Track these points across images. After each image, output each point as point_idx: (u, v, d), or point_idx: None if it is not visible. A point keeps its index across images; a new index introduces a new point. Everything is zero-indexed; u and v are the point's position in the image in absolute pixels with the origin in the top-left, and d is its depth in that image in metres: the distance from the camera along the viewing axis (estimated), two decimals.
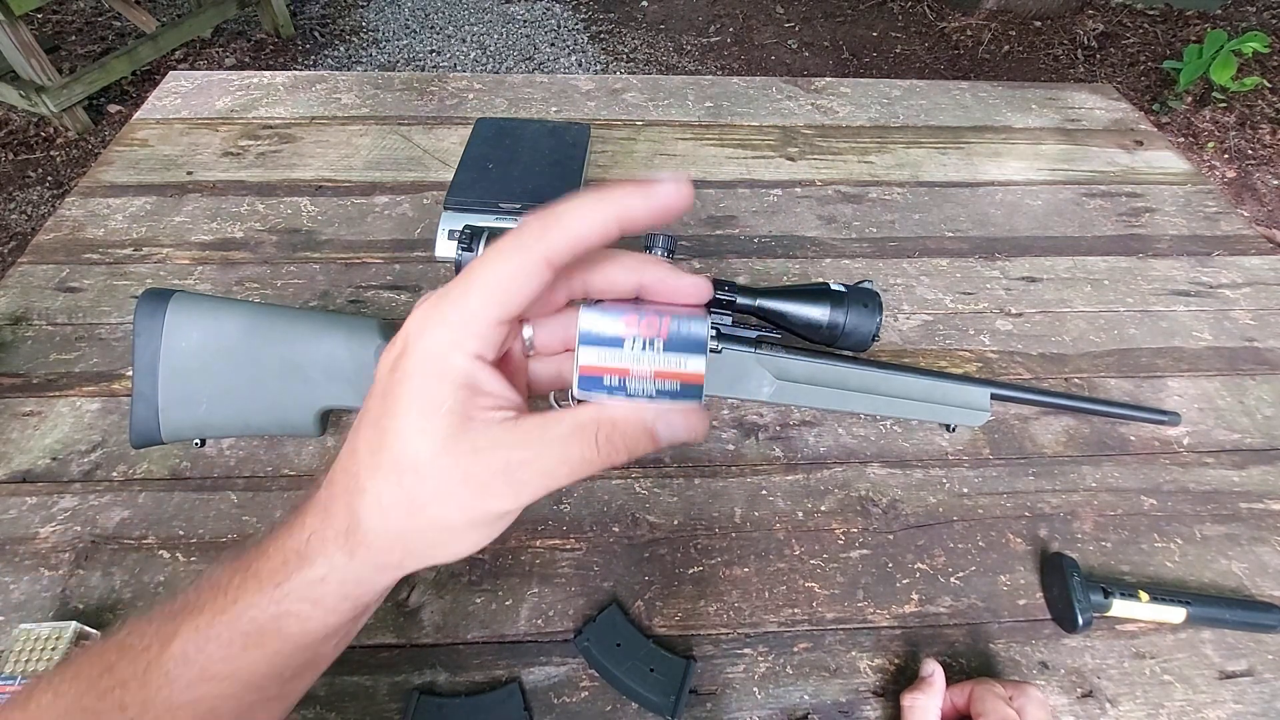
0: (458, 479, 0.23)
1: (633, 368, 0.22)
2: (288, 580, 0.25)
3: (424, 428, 0.23)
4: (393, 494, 0.24)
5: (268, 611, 0.25)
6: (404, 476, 0.23)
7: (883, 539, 0.50)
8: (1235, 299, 0.69)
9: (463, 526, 0.24)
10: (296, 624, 0.25)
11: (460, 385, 0.23)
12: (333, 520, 0.25)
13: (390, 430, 0.23)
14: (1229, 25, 2.57)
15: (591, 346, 0.22)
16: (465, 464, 0.23)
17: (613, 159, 0.81)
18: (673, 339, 0.22)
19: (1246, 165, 2.16)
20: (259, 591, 0.25)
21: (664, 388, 0.22)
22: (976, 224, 0.76)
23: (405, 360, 0.24)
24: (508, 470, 0.23)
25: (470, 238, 0.48)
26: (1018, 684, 0.40)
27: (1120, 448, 0.57)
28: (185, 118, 0.83)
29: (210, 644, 0.25)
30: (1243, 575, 0.50)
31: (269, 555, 0.26)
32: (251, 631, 0.25)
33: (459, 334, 0.23)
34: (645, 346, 0.22)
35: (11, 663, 0.39)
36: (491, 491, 0.23)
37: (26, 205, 1.89)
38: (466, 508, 0.24)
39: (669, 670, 0.42)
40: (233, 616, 0.25)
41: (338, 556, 0.25)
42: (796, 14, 2.92)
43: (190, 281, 0.64)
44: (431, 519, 0.24)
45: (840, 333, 0.49)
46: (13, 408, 0.54)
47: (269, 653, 0.25)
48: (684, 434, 0.24)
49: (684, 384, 0.22)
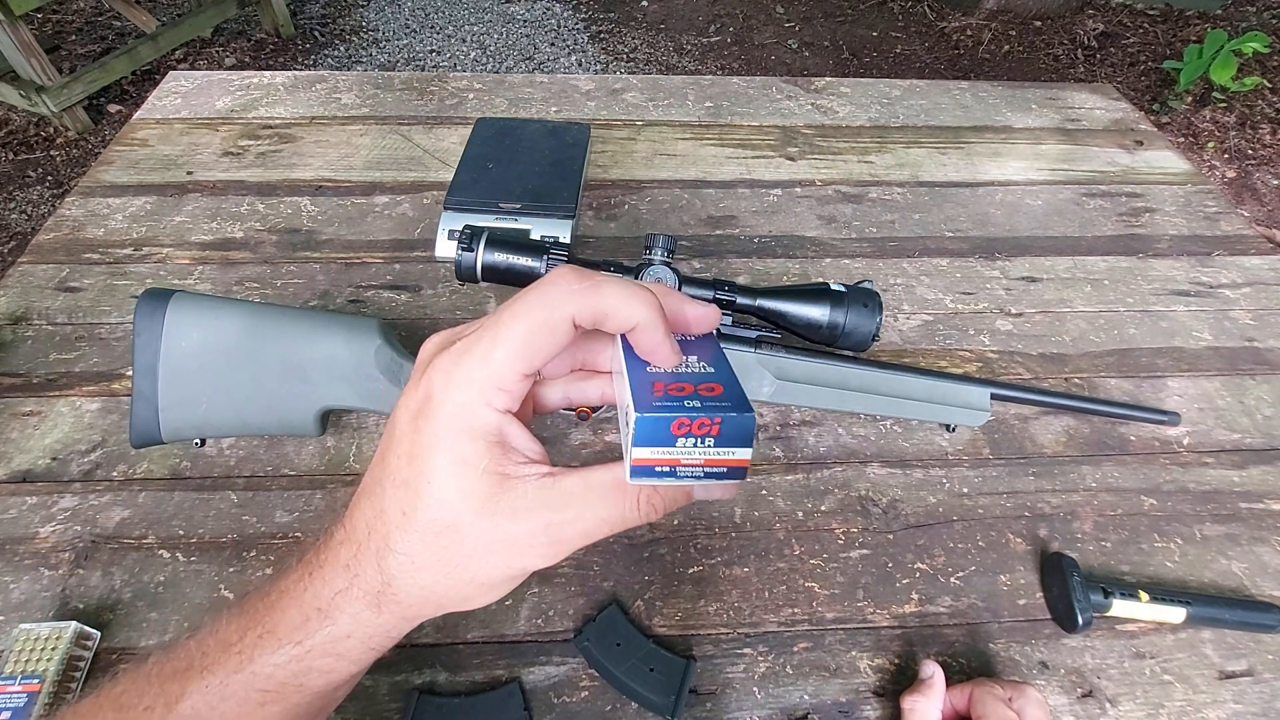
0: (498, 540, 0.23)
1: (683, 459, 0.23)
2: (309, 638, 0.25)
3: (460, 489, 0.23)
4: (427, 555, 0.23)
5: (288, 669, 0.24)
6: (440, 537, 0.23)
7: (883, 539, 0.50)
8: (1235, 299, 0.69)
9: (497, 583, 0.24)
10: (320, 677, 0.25)
11: (492, 443, 0.23)
12: (360, 581, 0.24)
13: (424, 492, 0.23)
14: (1229, 25, 2.57)
15: (646, 447, 0.22)
16: (506, 526, 0.23)
17: (613, 159, 0.81)
18: (723, 436, 0.22)
19: (1246, 165, 2.16)
20: (277, 650, 0.24)
21: (712, 471, 0.23)
22: (976, 224, 0.76)
23: (430, 419, 0.23)
24: (548, 530, 0.23)
25: (470, 238, 0.48)
26: (1017, 684, 0.40)
27: (1120, 448, 0.57)
28: (185, 118, 0.83)
29: (225, 702, 0.24)
30: (1243, 575, 0.50)
31: (284, 611, 0.25)
32: (270, 689, 0.24)
33: (486, 390, 0.23)
34: (697, 444, 0.22)
35: (11, 663, 0.39)
36: (532, 551, 0.24)
37: (26, 205, 1.89)
38: (504, 565, 0.24)
39: (669, 670, 0.42)
40: (248, 675, 0.24)
41: (365, 614, 0.24)
42: (796, 14, 2.92)
43: (190, 281, 0.64)
44: (469, 578, 0.24)
45: (840, 333, 0.49)
46: (13, 408, 0.54)
47: (288, 705, 0.25)
48: (720, 494, 0.25)
49: (731, 468, 0.23)
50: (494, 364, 0.23)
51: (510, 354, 0.23)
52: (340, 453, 0.53)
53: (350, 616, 0.24)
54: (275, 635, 0.25)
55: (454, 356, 0.24)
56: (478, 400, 0.23)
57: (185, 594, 0.45)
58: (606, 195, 0.76)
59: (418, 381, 0.24)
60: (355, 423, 0.55)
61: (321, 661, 0.25)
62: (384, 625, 0.25)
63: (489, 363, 0.23)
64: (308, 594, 0.25)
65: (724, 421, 0.22)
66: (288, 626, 0.25)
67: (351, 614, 0.24)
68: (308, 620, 0.25)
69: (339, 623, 0.24)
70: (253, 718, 0.25)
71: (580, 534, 0.24)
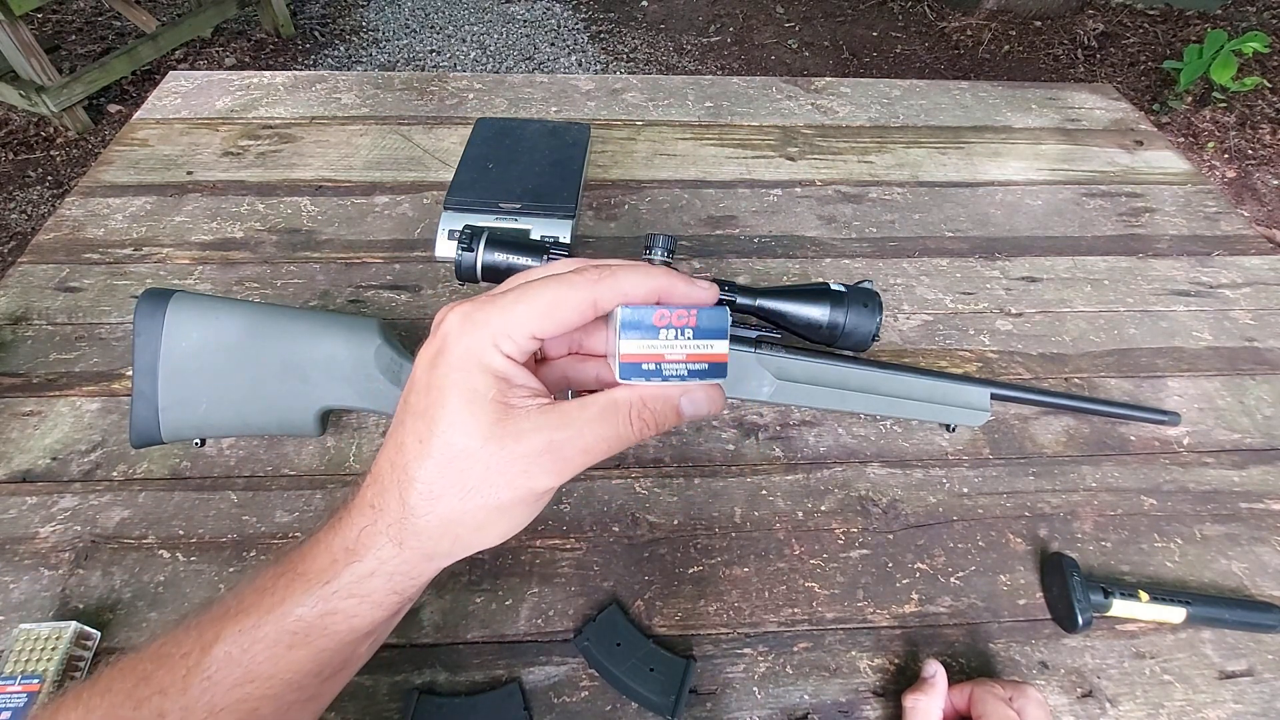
0: (505, 459, 0.25)
1: (667, 354, 0.25)
2: (337, 578, 0.26)
3: (471, 414, 0.25)
4: (443, 482, 0.25)
5: (315, 609, 0.26)
6: (454, 463, 0.25)
7: (883, 539, 0.50)
8: (1235, 299, 0.69)
9: (510, 504, 0.26)
10: (344, 621, 0.26)
11: (499, 378, 0.25)
12: (383, 514, 0.26)
13: (438, 420, 0.25)
14: (1229, 25, 2.57)
15: (631, 339, 0.25)
16: (511, 446, 0.25)
17: (613, 159, 0.81)
18: (700, 327, 0.25)
19: (1246, 165, 2.16)
20: (306, 591, 0.26)
21: (694, 368, 0.26)
22: (976, 224, 0.76)
23: (445, 356, 0.26)
24: (551, 449, 0.25)
25: (470, 238, 0.48)
26: (1017, 684, 0.40)
27: (1120, 448, 0.57)
28: (185, 118, 0.83)
29: (256, 645, 0.25)
30: (1243, 575, 0.50)
31: (315, 556, 0.26)
32: (299, 630, 0.26)
33: (498, 336, 0.25)
34: (678, 335, 0.25)
35: (11, 663, 0.40)
36: (538, 469, 0.25)
37: (26, 205, 1.89)
38: (515, 485, 0.25)
39: (669, 670, 0.42)
40: (279, 616, 0.26)
41: (387, 548, 0.26)
42: (796, 14, 2.92)
43: (190, 281, 0.64)
44: (482, 500, 0.25)
45: (840, 333, 0.49)
46: (13, 408, 0.54)
47: (314, 651, 0.26)
48: (706, 407, 0.27)
49: (711, 364, 0.26)
50: (513, 316, 0.25)
51: (530, 312, 0.25)
52: (340, 453, 0.53)
53: (374, 553, 0.26)
54: (305, 578, 0.26)
55: (473, 305, 0.26)
56: (488, 342, 0.25)
57: (185, 594, 0.45)
58: (606, 195, 0.76)
59: (435, 333, 0.27)
60: (355, 423, 0.55)
61: (346, 603, 0.26)
62: (406, 562, 0.26)
63: (508, 314, 0.25)
64: (336, 537, 0.27)
65: (699, 314, 0.25)
66: (318, 569, 0.26)
67: (375, 550, 0.26)
68: (335, 560, 0.26)
69: (364, 560, 0.26)
70: (281, 661, 0.26)
71: (581, 450, 0.25)
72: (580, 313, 0.26)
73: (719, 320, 0.25)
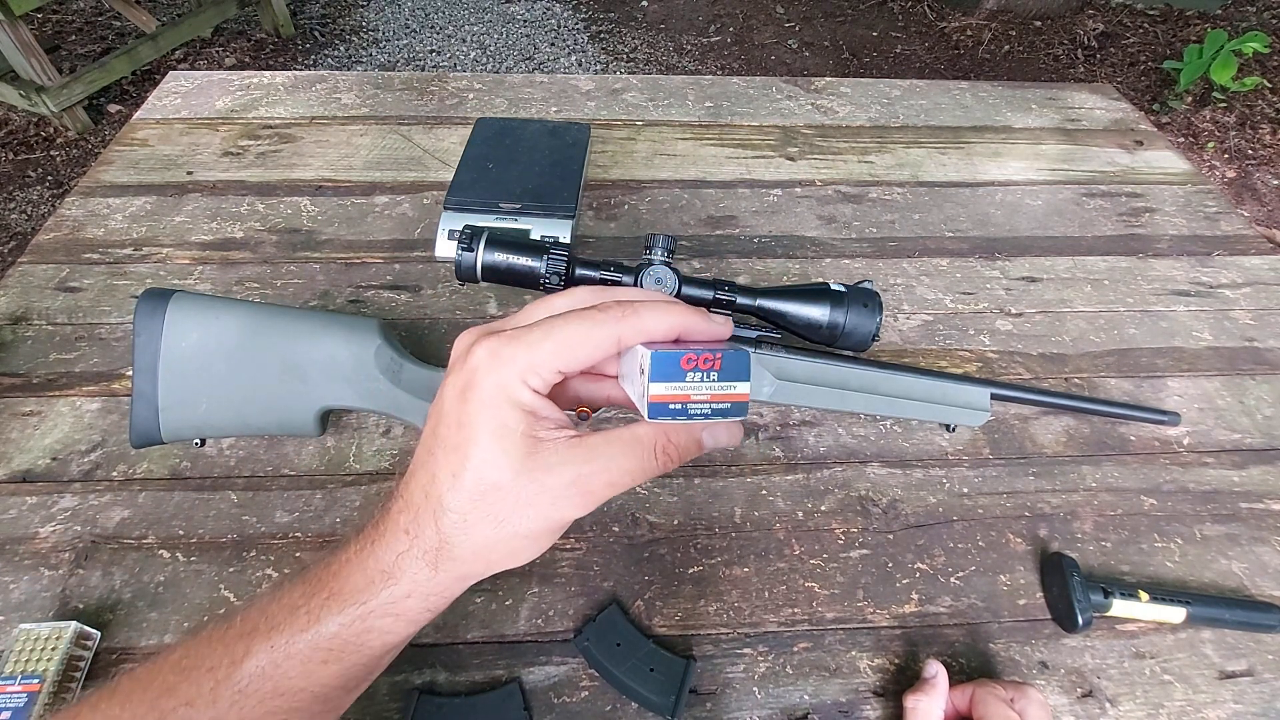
0: (535, 492, 0.26)
1: (693, 395, 0.27)
2: (373, 598, 0.27)
3: (502, 450, 0.26)
4: (478, 511, 0.26)
5: (351, 629, 0.27)
6: (487, 495, 0.26)
7: (883, 539, 0.50)
8: (1235, 299, 0.69)
9: (539, 533, 0.27)
10: (378, 638, 0.27)
11: (527, 412, 0.27)
12: (419, 541, 0.27)
13: (470, 455, 0.26)
14: (1229, 25, 2.57)
15: (660, 383, 0.26)
16: (541, 478, 0.26)
17: (613, 159, 0.81)
18: (725, 370, 0.27)
19: (1246, 165, 2.16)
20: (342, 610, 0.27)
21: (718, 407, 0.27)
22: (976, 224, 0.76)
23: (475, 391, 0.27)
24: (578, 481, 0.26)
25: (470, 238, 0.48)
26: (1018, 685, 0.40)
27: (1120, 448, 0.57)
28: (185, 118, 0.83)
29: (289, 661, 0.26)
30: (1243, 575, 0.50)
31: (349, 576, 0.27)
32: (333, 647, 0.27)
33: (526, 372, 0.27)
34: (703, 379, 0.27)
35: (11, 663, 0.39)
36: (565, 501, 0.26)
37: (26, 205, 1.89)
38: (545, 517, 0.27)
39: (669, 670, 0.42)
40: (314, 634, 0.27)
41: (424, 573, 0.27)
42: (796, 14, 2.92)
43: (190, 281, 0.64)
44: (513, 530, 0.27)
45: (840, 333, 0.49)
46: (13, 408, 0.54)
47: (346, 666, 0.27)
48: (725, 440, 0.29)
49: (734, 403, 0.27)
50: (540, 353, 0.27)
51: (556, 349, 0.27)
52: (340, 453, 0.53)
53: (410, 576, 0.27)
54: (340, 597, 0.27)
55: (502, 340, 0.27)
56: (517, 378, 0.26)
57: (185, 594, 0.45)
58: (606, 195, 0.76)
59: (462, 364, 0.28)
60: (355, 423, 0.55)
61: (382, 621, 0.27)
62: (440, 584, 0.27)
63: (535, 350, 0.27)
64: (371, 559, 0.27)
65: (724, 356, 0.27)
66: (352, 589, 0.27)
67: (412, 574, 0.27)
68: (372, 582, 0.27)
69: (400, 582, 0.27)
70: (313, 676, 0.27)
71: (607, 484, 0.27)
72: (604, 350, 0.27)
73: (741, 363, 0.27)
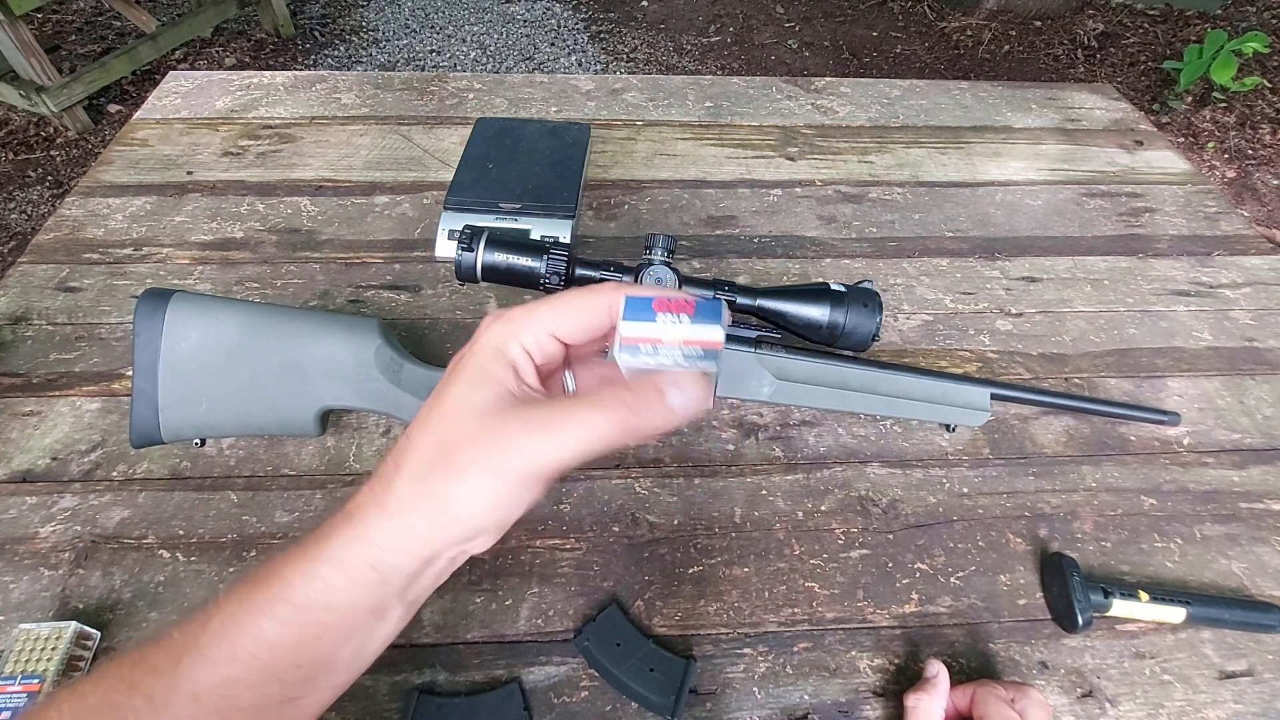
0: (481, 428, 0.26)
1: (664, 336, 0.27)
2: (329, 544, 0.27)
3: (473, 389, 0.27)
4: (430, 440, 0.27)
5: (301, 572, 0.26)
6: (441, 423, 0.27)
7: (883, 539, 0.50)
8: (1235, 299, 0.69)
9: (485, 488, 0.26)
10: (323, 589, 0.26)
11: (509, 363, 0.28)
12: (379, 477, 0.27)
13: (445, 394, 0.28)
14: (1229, 25, 2.57)
15: (631, 321, 0.27)
16: (491, 420, 0.26)
17: (613, 159, 0.81)
18: (697, 313, 0.27)
19: (1246, 165, 2.16)
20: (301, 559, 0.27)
21: (689, 352, 0.27)
22: (976, 224, 0.76)
23: (471, 346, 0.29)
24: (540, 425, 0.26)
25: (470, 238, 0.48)
26: (1019, 685, 0.40)
27: (1120, 448, 0.57)
28: (185, 118, 0.83)
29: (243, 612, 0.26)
30: (1243, 575, 0.50)
31: (318, 532, 0.27)
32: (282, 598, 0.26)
33: (517, 329, 0.28)
34: (674, 320, 0.27)
35: (11, 663, 0.39)
36: (513, 448, 0.26)
37: (26, 205, 1.89)
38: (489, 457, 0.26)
39: (669, 670, 0.42)
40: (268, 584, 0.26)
41: (374, 514, 0.27)
42: (796, 14, 2.92)
43: (190, 281, 0.64)
44: (459, 468, 0.26)
45: (840, 333, 0.49)
46: (13, 408, 0.54)
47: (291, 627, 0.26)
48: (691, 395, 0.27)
49: (705, 349, 0.27)
50: (536, 313, 0.28)
51: (551, 312, 0.28)
52: (340, 453, 0.53)
53: (362, 517, 0.27)
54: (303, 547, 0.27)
55: (506, 311, 0.29)
56: (510, 334, 0.28)
57: (185, 594, 0.45)
58: (606, 195, 0.76)
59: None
60: (355, 423, 0.55)
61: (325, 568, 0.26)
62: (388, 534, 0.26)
63: (533, 312, 0.28)
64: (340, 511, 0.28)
65: (697, 303, 0.27)
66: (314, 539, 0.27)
67: (364, 515, 0.27)
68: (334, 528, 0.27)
69: (353, 524, 0.27)
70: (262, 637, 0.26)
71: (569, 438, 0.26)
72: (596, 314, 0.28)
73: (715, 309, 0.27)
